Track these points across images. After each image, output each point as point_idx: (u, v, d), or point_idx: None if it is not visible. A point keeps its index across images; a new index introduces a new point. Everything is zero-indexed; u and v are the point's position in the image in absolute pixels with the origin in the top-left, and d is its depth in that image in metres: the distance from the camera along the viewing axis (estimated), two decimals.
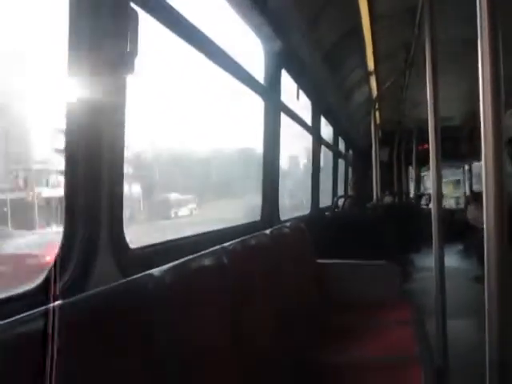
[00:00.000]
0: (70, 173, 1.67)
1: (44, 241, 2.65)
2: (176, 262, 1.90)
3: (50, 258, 2.11)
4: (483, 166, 1.58)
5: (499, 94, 1.54)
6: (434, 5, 3.12)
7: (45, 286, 1.57)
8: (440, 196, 3.39)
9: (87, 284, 1.66)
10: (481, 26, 1.55)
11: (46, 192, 2.82)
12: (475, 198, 9.09)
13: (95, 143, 1.70)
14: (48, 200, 2.79)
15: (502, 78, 1.54)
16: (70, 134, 1.68)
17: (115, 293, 1.56)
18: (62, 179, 1.71)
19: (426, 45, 3.18)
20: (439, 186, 3.37)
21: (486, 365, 1.68)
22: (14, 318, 1.20)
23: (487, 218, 1.56)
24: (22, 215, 2.73)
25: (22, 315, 1.23)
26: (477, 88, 1.61)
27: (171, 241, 2.44)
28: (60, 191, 1.74)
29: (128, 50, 1.81)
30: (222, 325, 2.04)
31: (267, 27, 3.58)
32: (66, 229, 1.67)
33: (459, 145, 11.53)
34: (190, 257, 2.03)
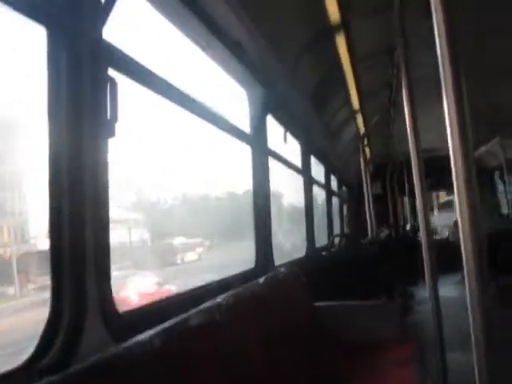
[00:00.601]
0: (55, 240, 1.67)
1: None
2: (166, 325, 1.88)
3: None
4: (456, 197, 1.60)
5: (465, 128, 1.56)
6: (407, 46, 3.21)
7: (34, 359, 1.55)
8: (428, 226, 3.40)
9: (78, 351, 1.64)
10: (442, 59, 1.59)
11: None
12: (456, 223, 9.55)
13: (79, 207, 1.71)
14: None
15: (467, 114, 1.57)
16: (52, 196, 1.69)
17: (105, 362, 1.54)
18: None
19: (403, 84, 3.26)
20: (427, 217, 3.39)
21: None
22: None
23: (464, 243, 1.57)
24: None
25: None
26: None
27: (161, 301, 2.42)
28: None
29: (108, 118, 1.84)
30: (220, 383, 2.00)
31: (249, 76, 3.65)
32: (53, 297, 1.66)
33: (446, 174, 11.58)
34: (181, 316, 2.01)
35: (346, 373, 3.33)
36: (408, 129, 3.25)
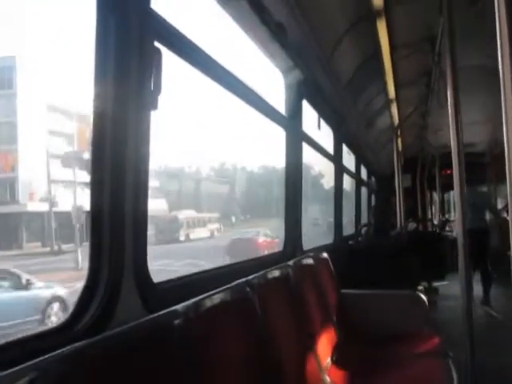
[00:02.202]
0: (95, 211, 1.69)
1: None
2: (200, 297, 1.90)
3: None
4: (508, 191, 1.57)
5: None
6: (454, 33, 3.13)
7: (71, 323, 1.58)
8: (465, 222, 3.32)
9: (112, 320, 1.66)
10: (501, 53, 1.56)
11: None
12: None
13: (119, 180, 1.73)
14: None
15: None
16: (95, 169, 1.71)
17: (140, 330, 1.57)
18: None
19: (448, 72, 3.18)
20: (464, 212, 3.31)
21: None
22: (41, 358, 1.21)
23: None
24: None
25: (49, 355, 1.24)
26: (499, 114, 1.60)
27: (195, 274, 2.44)
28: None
29: (152, 89, 1.85)
30: (248, 359, 2.02)
31: (287, 59, 3.63)
32: (91, 265, 1.68)
33: (482, 170, 11.42)
34: (214, 291, 2.03)
35: (369, 360, 3.32)
36: (450, 120, 3.17)
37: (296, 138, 4.04)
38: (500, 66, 1.57)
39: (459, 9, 3.20)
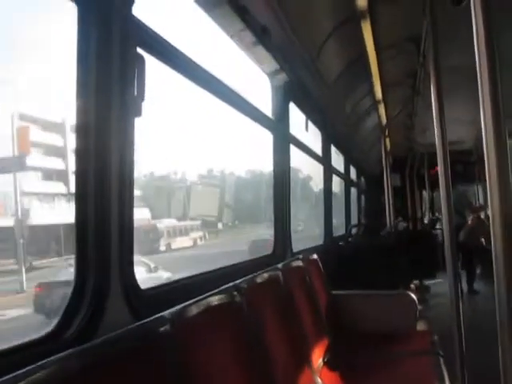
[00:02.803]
0: (81, 217, 1.69)
1: None
2: (187, 303, 1.89)
3: None
4: (488, 189, 1.59)
5: (499, 117, 1.55)
6: (437, 34, 3.16)
7: (57, 332, 1.57)
8: (452, 219, 3.35)
9: (100, 328, 1.66)
10: (478, 52, 1.57)
11: None
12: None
13: (104, 188, 1.72)
14: None
15: (501, 101, 1.55)
16: (79, 177, 1.71)
17: (127, 337, 1.56)
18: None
19: (431, 72, 3.20)
20: (450, 210, 3.33)
21: None
22: (28, 368, 1.21)
23: (494, 238, 1.55)
24: None
25: (35, 364, 1.23)
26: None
27: (182, 279, 2.44)
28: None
29: (136, 94, 1.85)
30: (238, 364, 2.02)
31: (273, 62, 3.64)
32: (77, 273, 1.68)
33: (469, 168, 11.51)
34: (201, 296, 2.03)
35: (362, 360, 3.33)
36: (434, 119, 3.19)
37: (283, 140, 4.04)
38: (477, 66, 1.59)
39: (442, 10, 3.22)
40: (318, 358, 3.14)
